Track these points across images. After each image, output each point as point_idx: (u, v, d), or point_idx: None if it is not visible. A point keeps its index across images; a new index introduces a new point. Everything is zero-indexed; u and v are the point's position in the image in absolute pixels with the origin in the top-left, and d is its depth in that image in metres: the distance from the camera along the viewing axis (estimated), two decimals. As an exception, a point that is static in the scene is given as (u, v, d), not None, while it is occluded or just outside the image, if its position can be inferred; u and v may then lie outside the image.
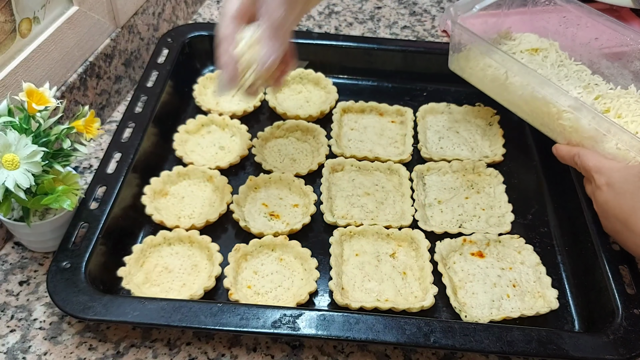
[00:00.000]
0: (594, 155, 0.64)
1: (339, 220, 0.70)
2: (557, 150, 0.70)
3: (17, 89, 0.65)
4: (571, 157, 0.67)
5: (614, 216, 0.60)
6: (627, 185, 0.59)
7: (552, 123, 0.70)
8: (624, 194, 0.59)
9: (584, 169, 0.65)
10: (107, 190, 0.68)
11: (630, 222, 0.58)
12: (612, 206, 0.60)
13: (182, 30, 0.90)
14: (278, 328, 0.56)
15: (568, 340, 0.56)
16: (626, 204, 0.58)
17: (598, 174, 0.62)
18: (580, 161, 0.65)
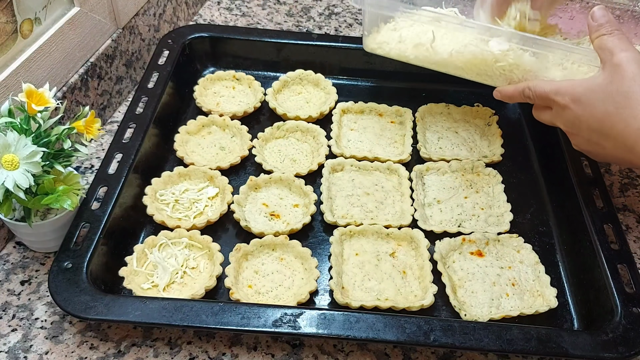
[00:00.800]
0: (546, 82, 0.64)
1: (339, 219, 0.70)
2: (501, 92, 0.70)
3: (18, 89, 0.65)
4: (520, 93, 0.67)
5: (587, 128, 0.60)
6: (595, 94, 0.59)
7: (489, 69, 0.70)
8: (594, 103, 0.59)
9: (541, 97, 0.64)
10: (109, 191, 0.68)
11: (606, 127, 0.58)
12: (584, 119, 0.60)
13: (182, 32, 0.91)
14: (279, 327, 0.57)
15: (567, 339, 0.56)
16: (598, 111, 0.58)
17: (559, 95, 0.62)
18: (532, 92, 0.65)
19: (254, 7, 1.09)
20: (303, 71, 0.90)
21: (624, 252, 0.64)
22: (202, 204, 0.72)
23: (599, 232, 0.66)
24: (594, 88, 0.59)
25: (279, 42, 0.90)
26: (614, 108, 0.57)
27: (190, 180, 0.75)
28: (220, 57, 0.92)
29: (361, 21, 1.06)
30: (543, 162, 0.81)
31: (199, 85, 0.87)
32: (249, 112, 0.85)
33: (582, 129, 0.61)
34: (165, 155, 0.79)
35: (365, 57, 0.90)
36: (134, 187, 0.71)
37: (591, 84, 0.60)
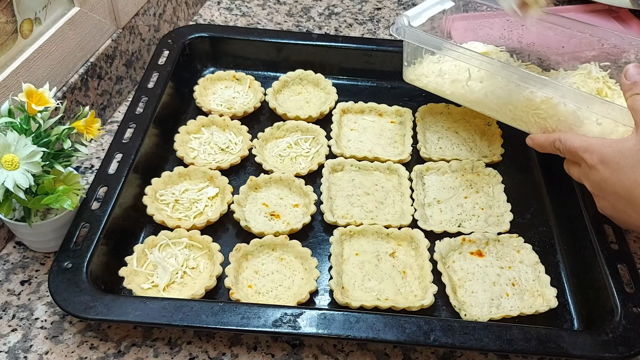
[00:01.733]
0: (577, 137, 0.62)
1: (339, 219, 0.70)
2: (533, 140, 0.68)
3: (18, 89, 0.65)
4: (551, 144, 0.65)
5: (614, 193, 0.58)
6: (624, 159, 0.56)
7: (525, 115, 0.69)
8: (623, 169, 0.56)
9: (570, 151, 0.62)
10: (109, 191, 0.68)
11: (634, 196, 0.56)
12: (611, 183, 0.57)
13: (182, 32, 0.91)
14: (279, 327, 0.57)
15: (567, 339, 0.56)
16: (627, 179, 0.56)
17: (588, 153, 0.59)
18: (563, 145, 0.63)
19: (254, 7, 1.09)
20: (303, 71, 0.90)
21: (624, 252, 0.64)
22: (202, 204, 0.72)
23: (599, 232, 0.66)
24: (624, 152, 0.56)
25: (279, 42, 0.90)
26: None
27: (190, 180, 0.75)
28: (220, 57, 0.92)
29: (361, 21, 1.06)
30: (543, 162, 0.81)
31: (199, 85, 0.87)
32: (249, 112, 0.85)
33: (608, 192, 0.59)
34: (165, 155, 0.79)
35: (365, 57, 0.91)
36: (134, 187, 0.71)
37: (622, 147, 0.57)
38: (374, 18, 1.07)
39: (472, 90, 0.74)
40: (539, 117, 0.67)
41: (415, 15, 0.77)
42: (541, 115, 0.67)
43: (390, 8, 1.10)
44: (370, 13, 1.09)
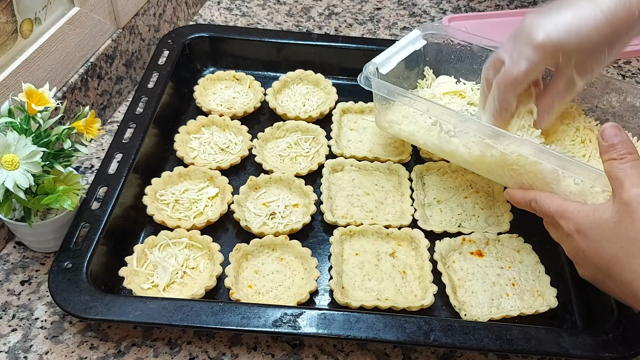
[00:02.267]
0: (553, 199, 0.57)
1: (339, 219, 0.70)
2: (510, 195, 0.64)
3: (18, 89, 0.65)
4: (527, 203, 0.60)
5: (592, 265, 0.54)
6: (601, 231, 0.52)
7: (501, 169, 0.64)
8: (600, 241, 0.52)
9: (546, 214, 0.58)
10: (109, 191, 0.68)
11: (614, 271, 0.51)
12: (589, 255, 0.53)
13: (182, 32, 0.91)
14: (279, 327, 0.57)
15: (567, 339, 0.56)
16: (605, 253, 0.51)
17: (564, 219, 0.55)
18: (539, 206, 0.58)
19: (254, 7, 1.09)
20: (303, 71, 0.90)
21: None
22: (202, 204, 0.72)
23: (599, 232, 0.66)
24: (600, 224, 0.52)
25: (279, 42, 0.90)
26: (623, 254, 0.50)
27: (190, 180, 0.75)
28: (220, 57, 0.92)
29: (361, 21, 1.06)
30: (543, 162, 0.81)
31: (199, 85, 0.87)
32: (249, 112, 0.85)
33: (587, 262, 0.55)
34: (165, 155, 0.79)
35: (365, 57, 0.90)
36: (134, 187, 0.71)
37: (598, 218, 0.52)
38: (374, 18, 1.07)
39: (446, 141, 0.68)
40: (515, 172, 0.62)
41: (384, 61, 0.73)
42: (517, 171, 0.62)
43: (390, 8, 1.10)
44: (370, 13, 1.09)
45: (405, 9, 1.10)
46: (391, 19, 1.07)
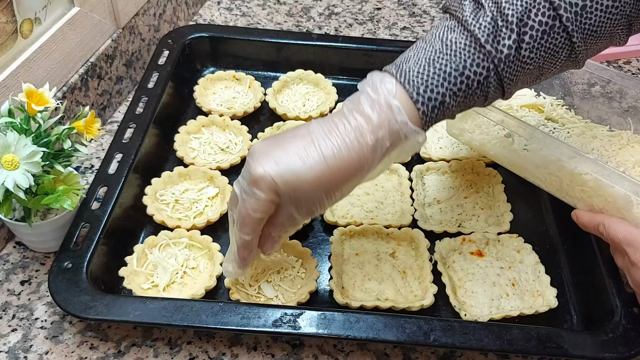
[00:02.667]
0: (621, 225, 0.56)
1: (339, 219, 0.70)
2: (577, 217, 0.62)
3: (18, 89, 0.65)
4: (595, 227, 0.59)
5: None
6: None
7: (571, 189, 0.63)
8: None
9: (613, 241, 0.57)
10: (109, 191, 0.68)
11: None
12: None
13: (182, 32, 0.91)
14: (279, 327, 0.57)
15: (567, 339, 0.56)
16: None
17: (631, 247, 0.54)
18: (606, 232, 0.57)
19: (254, 7, 1.09)
20: (303, 71, 0.90)
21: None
22: (202, 204, 0.72)
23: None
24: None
25: (279, 42, 0.90)
26: None
27: (190, 180, 0.75)
28: (220, 57, 0.92)
29: (361, 21, 1.06)
30: (543, 162, 0.81)
31: (199, 85, 0.87)
32: (249, 112, 0.85)
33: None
34: (165, 155, 0.79)
35: (365, 57, 0.90)
36: (134, 187, 0.71)
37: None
38: (374, 18, 1.07)
39: (517, 155, 0.67)
40: (584, 194, 0.61)
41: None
42: (587, 193, 0.61)
43: (390, 8, 1.10)
44: (370, 13, 1.09)
45: (405, 9, 1.10)
46: (391, 19, 1.07)
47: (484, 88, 0.53)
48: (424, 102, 0.51)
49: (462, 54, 0.51)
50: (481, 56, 0.51)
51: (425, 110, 0.52)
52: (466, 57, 0.51)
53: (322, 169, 0.50)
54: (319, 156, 0.51)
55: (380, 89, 0.52)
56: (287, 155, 0.51)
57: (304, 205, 0.53)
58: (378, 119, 0.51)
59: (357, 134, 0.51)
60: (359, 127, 0.51)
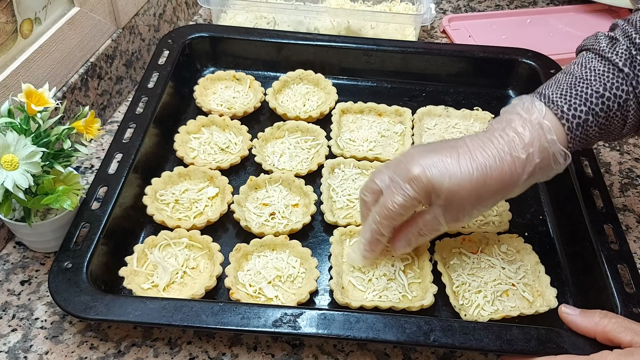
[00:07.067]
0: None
1: (339, 219, 0.70)
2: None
3: (18, 89, 0.65)
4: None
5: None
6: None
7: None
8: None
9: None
10: (109, 191, 0.68)
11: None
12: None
13: (182, 31, 0.91)
14: (279, 327, 0.57)
15: (567, 339, 0.56)
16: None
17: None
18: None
19: (254, 7, 1.09)
20: (303, 71, 0.90)
21: (624, 253, 0.64)
22: (202, 204, 0.72)
23: (599, 232, 0.66)
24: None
25: (279, 42, 0.90)
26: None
27: (190, 180, 0.75)
28: (220, 57, 0.92)
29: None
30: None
31: (199, 85, 0.87)
32: (249, 112, 0.85)
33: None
34: (165, 155, 0.79)
35: (365, 57, 0.91)
36: (134, 187, 0.71)
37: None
38: (374, 18, 1.07)
39: None
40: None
41: None
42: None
43: (390, 8, 1.10)
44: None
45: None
46: (391, 19, 1.07)
47: (624, 112, 0.57)
48: (569, 119, 0.57)
49: (601, 79, 0.57)
50: (620, 80, 0.57)
51: (570, 127, 0.57)
52: (606, 81, 0.57)
53: (477, 177, 0.55)
54: (476, 165, 0.55)
55: (532, 109, 0.57)
56: (445, 162, 0.55)
57: (454, 211, 0.57)
58: (530, 137, 0.56)
59: (510, 148, 0.56)
60: (512, 142, 0.56)
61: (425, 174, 0.55)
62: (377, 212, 0.59)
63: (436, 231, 0.60)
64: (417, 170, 0.55)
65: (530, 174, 0.57)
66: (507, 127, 0.57)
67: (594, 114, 0.57)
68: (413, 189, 0.56)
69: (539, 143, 0.56)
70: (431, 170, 0.55)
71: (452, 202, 0.56)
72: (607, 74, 0.57)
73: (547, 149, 0.56)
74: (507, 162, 0.56)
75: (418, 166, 0.56)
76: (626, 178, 0.82)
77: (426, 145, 0.59)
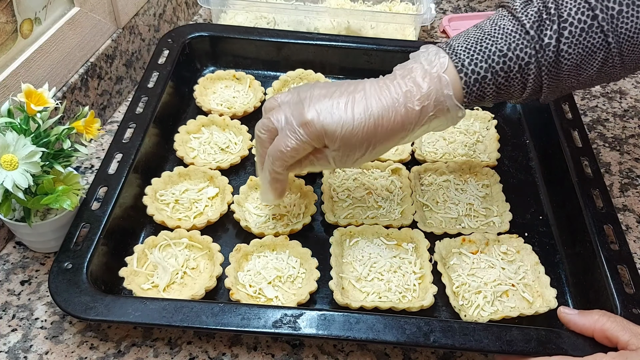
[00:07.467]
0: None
1: (340, 220, 0.70)
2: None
3: (18, 89, 0.65)
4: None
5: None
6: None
7: None
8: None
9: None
10: (109, 191, 0.68)
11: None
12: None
13: (182, 31, 0.90)
14: (279, 328, 0.57)
15: (567, 340, 0.56)
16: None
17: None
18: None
19: (254, 7, 1.09)
20: (303, 71, 0.90)
21: (624, 253, 0.64)
22: (202, 204, 0.72)
23: (599, 232, 0.66)
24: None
25: (279, 41, 0.90)
26: None
27: (190, 180, 0.75)
28: (220, 57, 0.92)
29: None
30: (543, 162, 0.81)
31: (199, 84, 0.87)
32: (249, 111, 0.85)
33: None
34: (165, 155, 0.79)
35: (365, 56, 0.90)
36: (134, 187, 0.71)
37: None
38: (374, 17, 1.07)
39: None
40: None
41: None
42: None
43: (391, 7, 1.10)
44: None
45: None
46: (391, 19, 1.07)
47: (524, 74, 0.57)
48: (467, 73, 0.57)
49: (508, 37, 0.57)
50: (525, 42, 0.56)
51: (467, 81, 0.57)
52: (511, 40, 0.56)
53: (369, 127, 0.56)
54: (368, 115, 0.56)
55: (435, 62, 0.57)
56: (339, 109, 0.56)
57: (344, 156, 0.59)
58: (427, 89, 0.56)
59: (406, 99, 0.56)
60: (409, 93, 0.57)
61: (319, 119, 0.56)
62: (271, 153, 0.60)
63: (327, 167, 0.63)
64: (310, 116, 0.56)
65: (424, 124, 0.58)
66: (408, 76, 0.57)
67: (493, 72, 0.57)
68: (306, 133, 0.57)
69: (435, 96, 0.57)
70: (325, 116, 0.56)
71: (342, 148, 0.58)
72: (514, 34, 0.57)
73: (442, 103, 0.57)
74: (400, 113, 0.57)
75: (313, 111, 0.57)
76: (626, 178, 0.82)
77: (326, 87, 0.59)
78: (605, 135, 0.88)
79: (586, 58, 0.56)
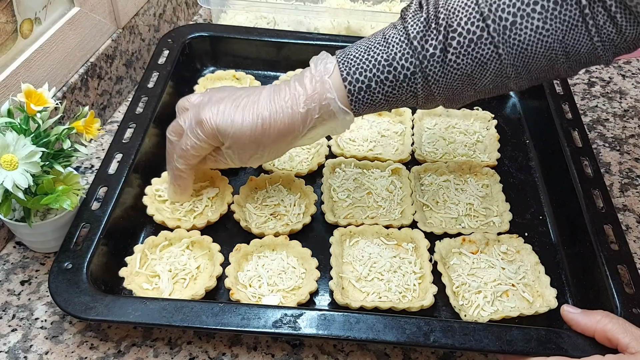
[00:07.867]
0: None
1: (340, 220, 0.70)
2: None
3: (18, 89, 0.65)
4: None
5: None
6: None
7: None
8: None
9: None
10: (109, 191, 0.68)
11: None
12: None
13: (182, 31, 0.90)
14: (279, 328, 0.57)
15: (567, 340, 0.56)
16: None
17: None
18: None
19: (254, 7, 1.09)
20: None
21: (624, 253, 0.64)
22: (202, 204, 0.72)
23: (599, 232, 0.66)
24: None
25: (279, 41, 0.90)
26: None
27: (190, 180, 0.75)
28: (220, 57, 0.92)
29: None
30: (543, 162, 0.81)
31: (199, 84, 0.87)
32: (249, 112, 0.85)
33: None
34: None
35: (365, 56, 0.90)
36: (134, 187, 0.71)
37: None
38: (374, 17, 1.07)
39: None
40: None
41: None
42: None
43: (391, 7, 1.10)
44: (370, 12, 1.08)
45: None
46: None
47: (411, 84, 0.57)
48: (352, 82, 0.58)
49: (394, 47, 0.57)
50: (410, 52, 0.56)
51: (352, 90, 0.58)
52: (397, 50, 0.57)
53: (257, 128, 0.59)
54: (257, 116, 0.59)
55: (321, 66, 0.59)
56: (233, 111, 0.60)
57: (239, 154, 0.62)
58: (312, 92, 0.58)
59: (292, 102, 0.59)
60: (296, 96, 0.59)
61: (213, 119, 0.60)
62: (175, 152, 0.64)
63: (228, 165, 0.65)
64: (205, 116, 0.60)
65: (312, 127, 0.60)
66: (299, 80, 0.60)
67: (378, 81, 0.58)
68: (202, 132, 0.60)
69: (319, 99, 0.58)
70: (219, 117, 0.59)
71: (234, 147, 0.61)
72: (400, 43, 0.57)
73: (327, 106, 0.59)
74: (287, 115, 0.59)
75: (209, 112, 0.60)
76: (626, 178, 0.82)
77: (233, 90, 0.63)
78: (605, 135, 0.88)
79: (477, 68, 0.56)
